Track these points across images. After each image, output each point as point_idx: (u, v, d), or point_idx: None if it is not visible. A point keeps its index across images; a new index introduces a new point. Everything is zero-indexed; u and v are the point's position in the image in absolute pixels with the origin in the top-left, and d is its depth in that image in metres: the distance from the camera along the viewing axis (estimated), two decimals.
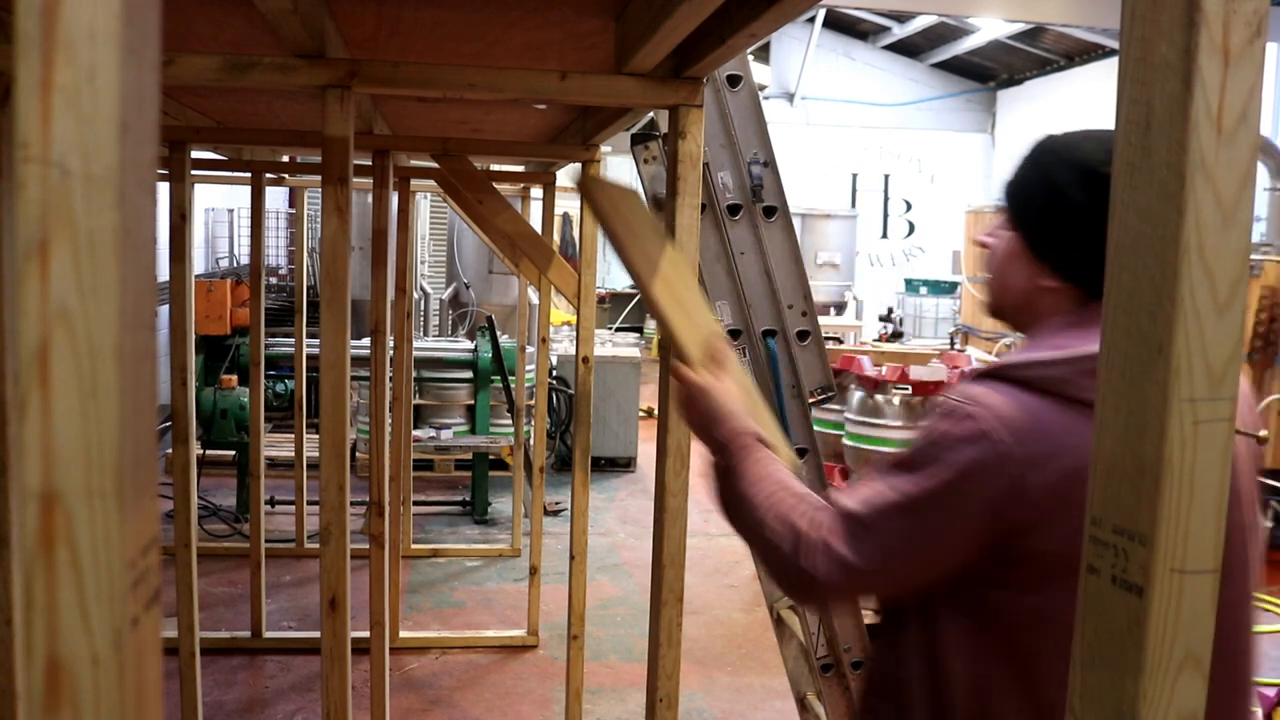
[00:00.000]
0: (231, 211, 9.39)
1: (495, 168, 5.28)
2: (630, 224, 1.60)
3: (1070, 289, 1.29)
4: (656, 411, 2.69)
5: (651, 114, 3.09)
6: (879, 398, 5.96)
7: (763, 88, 13.90)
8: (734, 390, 1.49)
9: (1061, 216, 1.28)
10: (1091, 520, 0.61)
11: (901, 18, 13.07)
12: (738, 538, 1.40)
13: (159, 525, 0.49)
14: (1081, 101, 12.44)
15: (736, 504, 1.36)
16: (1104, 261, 1.29)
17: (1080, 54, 12.79)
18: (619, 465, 7.97)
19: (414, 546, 5.81)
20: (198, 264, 8.65)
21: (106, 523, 0.44)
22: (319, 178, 2.01)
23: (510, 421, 6.84)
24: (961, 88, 14.89)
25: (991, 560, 1.22)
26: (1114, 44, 11.36)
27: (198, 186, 5.91)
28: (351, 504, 2.02)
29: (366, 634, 3.03)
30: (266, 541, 4.86)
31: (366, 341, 4.00)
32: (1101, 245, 1.29)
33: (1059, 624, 1.20)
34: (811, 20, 13.38)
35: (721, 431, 1.42)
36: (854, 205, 14.14)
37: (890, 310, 11.68)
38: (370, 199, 3.65)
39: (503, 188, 4.47)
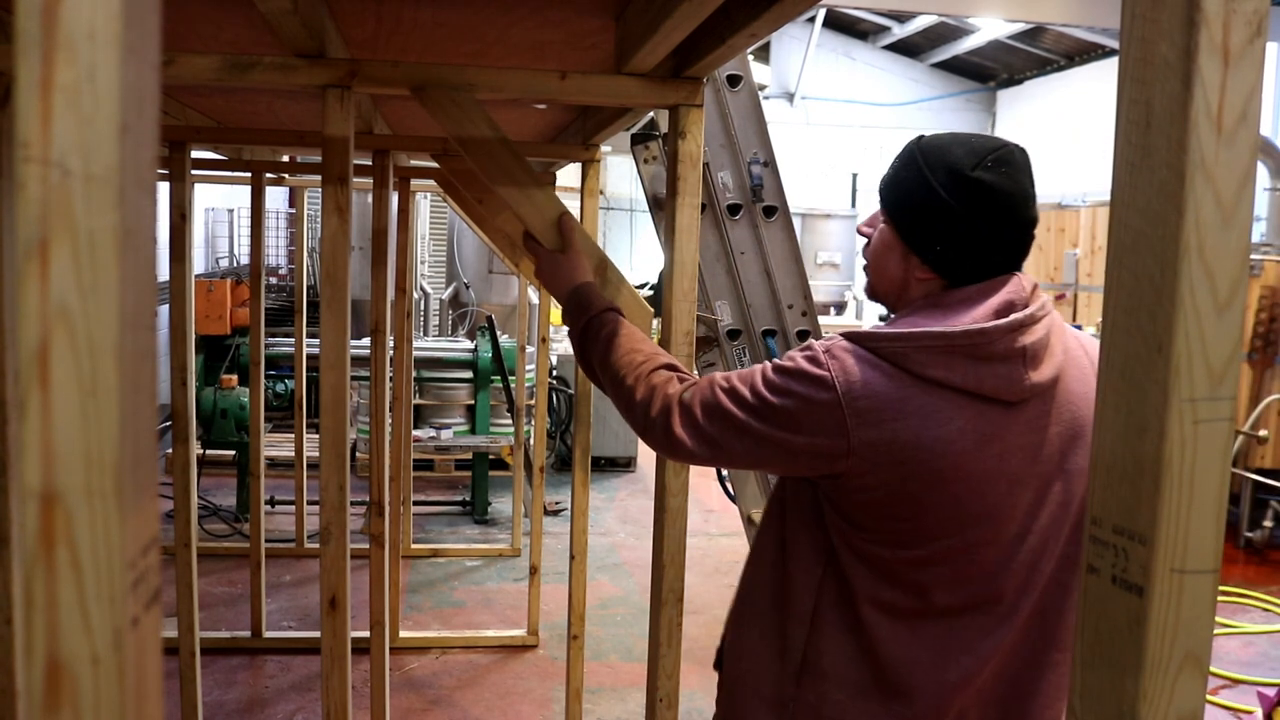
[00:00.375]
0: (231, 211, 9.39)
1: None
2: (474, 134, 1.87)
3: (938, 279, 1.43)
4: None
5: (651, 114, 3.09)
6: None
7: (763, 88, 13.90)
8: (582, 258, 1.79)
9: (933, 216, 1.40)
10: (1092, 520, 0.61)
11: (901, 17, 13.07)
12: (738, 537, 1.51)
13: (159, 525, 0.49)
14: (1081, 101, 12.44)
15: (604, 372, 1.59)
16: (968, 257, 1.39)
17: (1080, 54, 12.79)
18: (619, 465, 7.97)
19: (414, 546, 5.82)
20: (198, 264, 8.65)
21: (106, 522, 0.44)
22: (319, 178, 2.01)
23: (510, 421, 6.84)
24: (961, 87, 14.89)
25: (827, 503, 1.41)
26: (1114, 44, 11.37)
27: (198, 186, 5.91)
28: (351, 504, 2.02)
29: (366, 634, 3.03)
30: (266, 541, 4.86)
31: (366, 341, 4.00)
32: (967, 244, 1.39)
33: (876, 563, 1.38)
34: (811, 20, 13.38)
35: (582, 315, 1.66)
36: (854, 205, 14.14)
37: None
38: (370, 199, 3.64)
39: None
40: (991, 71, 14.62)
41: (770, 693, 1.48)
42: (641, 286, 9.95)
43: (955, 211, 1.38)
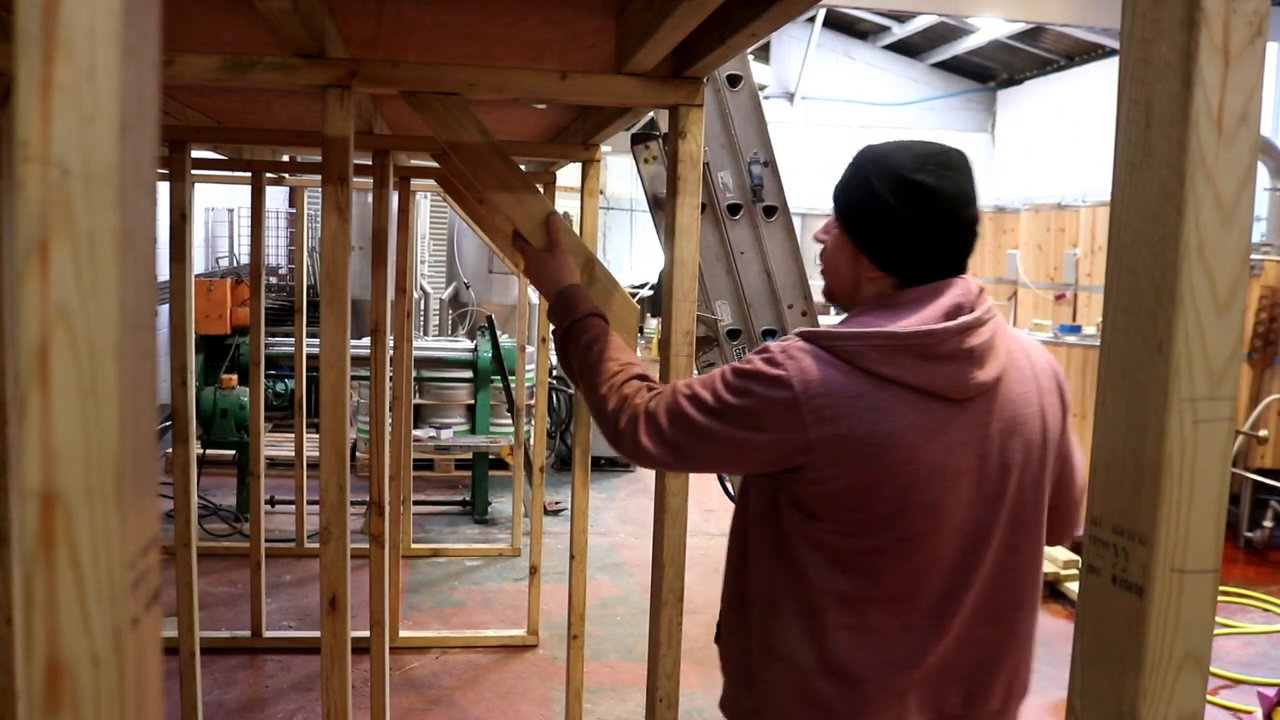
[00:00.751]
0: (231, 211, 9.39)
1: None
2: (465, 138, 1.91)
3: (887, 278, 1.50)
4: None
5: (651, 114, 3.09)
6: None
7: (763, 87, 13.89)
8: (568, 258, 1.86)
9: (879, 218, 1.49)
10: (1092, 520, 0.61)
11: (901, 17, 13.06)
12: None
13: (159, 525, 0.49)
14: (1081, 101, 12.44)
15: (582, 377, 1.67)
16: (914, 257, 1.48)
17: (1080, 54, 12.79)
18: (619, 465, 7.97)
19: (414, 546, 5.81)
20: (198, 263, 8.65)
21: (106, 522, 0.44)
22: (319, 177, 2.01)
23: (510, 421, 6.84)
24: (961, 87, 14.88)
25: (784, 495, 1.49)
26: (1114, 44, 11.36)
27: (198, 186, 5.91)
28: (351, 504, 2.02)
29: (366, 633, 3.03)
30: (266, 541, 4.86)
31: (366, 341, 4.00)
32: (912, 243, 1.48)
33: (829, 551, 1.48)
34: (811, 20, 13.38)
35: (566, 318, 1.73)
36: None
37: None
38: (370, 199, 3.64)
39: None
40: (991, 71, 14.62)
41: (745, 669, 1.59)
42: (641, 286, 9.95)
43: (900, 213, 1.46)
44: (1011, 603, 1.54)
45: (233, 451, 6.28)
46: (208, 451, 6.04)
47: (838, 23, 13.98)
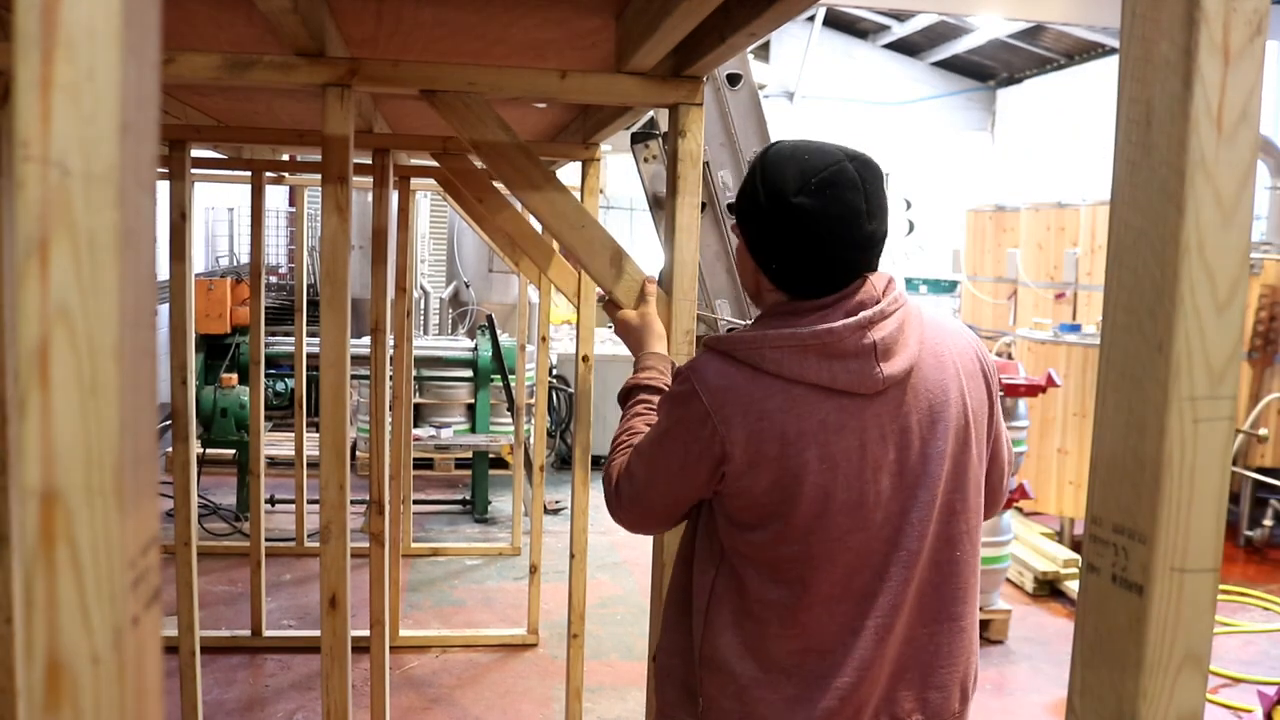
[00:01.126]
0: (231, 210, 9.39)
1: None
2: (486, 137, 1.91)
3: (782, 292, 1.51)
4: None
5: (651, 112, 3.09)
6: None
7: (762, 86, 13.86)
8: (654, 320, 1.86)
9: (764, 236, 1.49)
10: (1092, 519, 0.61)
11: (901, 16, 13.06)
12: None
13: (159, 524, 0.49)
14: (1081, 100, 12.44)
15: (614, 439, 1.71)
16: (801, 277, 1.47)
17: (1080, 53, 12.79)
18: None
19: (414, 545, 5.81)
20: (198, 263, 8.65)
21: (106, 521, 0.44)
22: (319, 176, 2.01)
23: (510, 420, 6.84)
24: (961, 86, 14.88)
25: (720, 510, 1.51)
26: (1114, 43, 11.36)
27: (198, 185, 5.91)
28: (351, 503, 2.02)
29: (366, 633, 3.04)
30: (266, 540, 4.86)
31: (366, 340, 4.00)
32: (795, 265, 1.47)
33: (763, 563, 1.48)
34: (811, 19, 13.38)
35: (632, 378, 1.77)
36: None
37: None
38: (370, 198, 3.64)
39: (502, 187, 4.46)
40: (991, 70, 14.61)
41: (686, 682, 1.59)
42: None
43: (780, 235, 1.46)
44: (954, 597, 1.52)
45: (233, 450, 6.28)
46: (208, 451, 6.04)
47: (837, 21, 13.98)
